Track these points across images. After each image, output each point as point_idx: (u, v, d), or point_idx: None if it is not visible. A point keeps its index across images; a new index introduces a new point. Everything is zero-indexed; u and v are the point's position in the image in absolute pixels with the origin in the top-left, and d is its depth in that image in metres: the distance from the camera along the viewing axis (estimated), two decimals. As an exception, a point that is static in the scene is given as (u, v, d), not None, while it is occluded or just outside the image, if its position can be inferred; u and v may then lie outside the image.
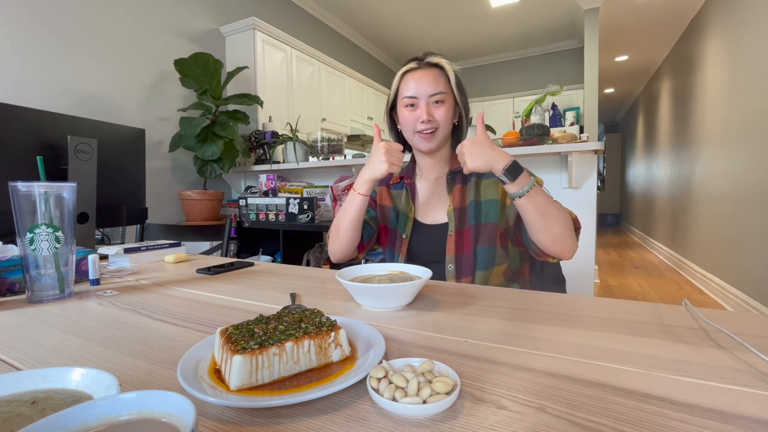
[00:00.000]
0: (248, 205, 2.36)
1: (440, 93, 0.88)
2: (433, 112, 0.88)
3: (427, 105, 0.88)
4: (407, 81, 0.90)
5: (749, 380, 0.36)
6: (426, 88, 0.88)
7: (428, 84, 0.87)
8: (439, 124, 0.89)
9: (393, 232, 1.00)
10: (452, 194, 0.93)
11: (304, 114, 3.28)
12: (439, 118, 0.89)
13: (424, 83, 0.88)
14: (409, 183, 1.00)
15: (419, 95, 0.88)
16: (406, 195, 0.99)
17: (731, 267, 2.83)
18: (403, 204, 0.99)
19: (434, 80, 0.88)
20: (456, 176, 0.95)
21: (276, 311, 0.53)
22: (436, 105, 0.88)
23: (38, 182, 0.66)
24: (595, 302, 0.61)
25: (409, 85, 0.89)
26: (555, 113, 3.20)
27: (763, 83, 2.41)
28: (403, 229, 0.96)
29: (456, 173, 0.95)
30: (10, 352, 0.45)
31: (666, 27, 4.23)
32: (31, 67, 1.89)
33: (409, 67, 0.91)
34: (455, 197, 0.92)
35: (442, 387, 0.31)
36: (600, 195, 8.83)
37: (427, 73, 0.88)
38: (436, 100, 0.88)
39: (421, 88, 0.88)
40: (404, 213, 0.98)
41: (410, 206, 0.97)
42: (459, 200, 0.92)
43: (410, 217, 0.96)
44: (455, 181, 0.94)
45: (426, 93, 0.88)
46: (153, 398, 0.23)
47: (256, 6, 3.25)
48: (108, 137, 1.17)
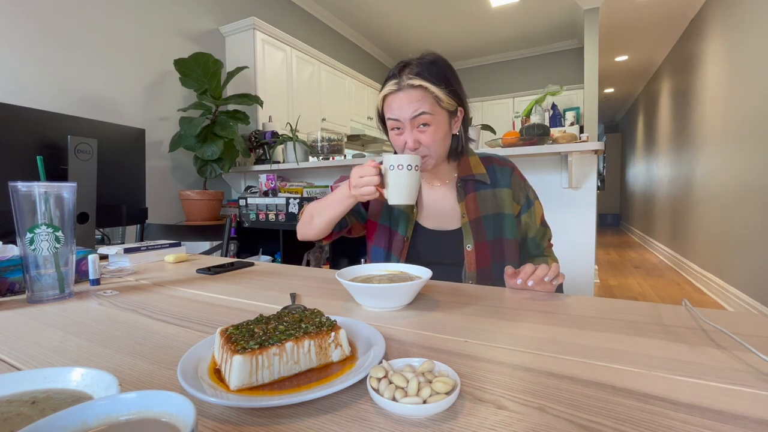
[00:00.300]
0: (248, 205, 2.36)
1: (423, 115, 0.79)
2: (419, 138, 0.81)
3: (412, 128, 0.81)
4: (389, 103, 0.82)
5: (749, 380, 0.36)
6: (408, 112, 0.79)
7: (411, 107, 0.79)
8: (428, 148, 0.82)
9: (385, 230, 0.94)
10: (465, 203, 0.88)
11: (304, 114, 3.28)
12: (426, 142, 0.81)
13: (406, 107, 0.79)
14: None
15: (402, 119, 0.80)
16: None
17: (731, 267, 2.83)
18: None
19: (417, 102, 0.78)
20: (467, 184, 0.90)
21: (276, 311, 0.53)
22: (423, 128, 0.80)
23: (38, 182, 0.66)
24: (594, 302, 0.61)
25: (392, 108, 0.81)
26: (555, 113, 3.20)
27: (763, 83, 2.41)
28: (404, 230, 0.91)
29: (467, 180, 0.90)
30: (10, 352, 0.45)
31: (666, 27, 4.23)
32: (31, 67, 1.89)
33: (388, 90, 0.81)
34: (469, 207, 0.88)
35: (442, 387, 0.31)
36: (600, 195, 8.83)
37: (409, 96, 0.79)
38: (420, 122, 0.80)
39: (403, 112, 0.79)
40: (404, 213, 0.92)
41: (413, 207, 0.92)
42: (474, 211, 0.87)
43: (411, 219, 0.91)
44: (467, 190, 0.89)
45: (408, 117, 0.79)
46: (153, 398, 0.23)
47: (256, 6, 3.25)
48: (108, 137, 1.17)
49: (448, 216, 0.91)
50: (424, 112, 0.79)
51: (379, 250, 0.94)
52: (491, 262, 0.86)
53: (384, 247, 0.93)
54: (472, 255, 0.85)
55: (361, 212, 0.99)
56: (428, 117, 0.80)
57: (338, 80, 3.86)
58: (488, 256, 0.86)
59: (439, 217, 0.91)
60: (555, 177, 1.97)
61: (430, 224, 0.91)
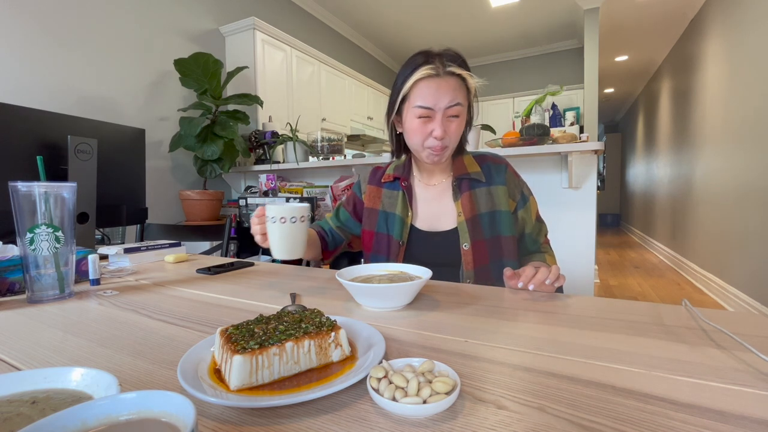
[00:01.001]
0: (248, 205, 2.36)
1: (458, 105, 0.79)
2: (448, 128, 0.81)
3: (443, 119, 0.79)
4: (422, 89, 0.79)
5: (749, 380, 0.36)
6: (444, 101, 0.78)
7: (447, 96, 0.78)
8: (452, 140, 0.82)
9: (382, 237, 0.93)
10: (460, 202, 0.88)
11: (304, 114, 3.28)
12: (452, 134, 0.82)
13: (443, 95, 0.78)
14: (406, 186, 0.93)
15: (436, 107, 0.78)
16: (402, 198, 0.93)
17: (731, 267, 2.83)
18: (399, 207, 0.92)
19: (453, 92, 0.78)
20: (462, 182, 0.90)
21: (276, 311, 0.53)
22: (451, 119, 0.80)
23: (38, 182, 0.66)
24: (595, 302, 0.61)
25: (424, 95, 0.79)
26: (555, 113, 3.20)
27: (763, 83, 2.41)
28: (399, 234, 0.90)
29: (462, 179, 0.90)
30: (10, 352, 0.45)
31: (666, 27, 4.23)
32: (31, 67, 1.88)
33: (425, 74, 0.78)
34: (465, 206, 0.87)
35: (442, 387, 0.31)
36: (600, 195, 8.83)
37: (447, 84, 0.78)
38: (452, 114, 0.80)
39: (439, 101, 0.78)
40: (399, 217, 0.91)
41: (407, 210, 0.91)
42: (469, 209, 0.87)
43: (407, 222, 0.90)
44: (462, 188, 0.89)
45: (443, 106, 0.78)
46: (153, 398, 0.23)
47: (256, 6, 3.25)
48: (108, 137, 1.17)
49: (442, 216, 0.90)
50: (459, 103, 0.79)
51: (378, 257, 0.94)
52: (489, 260, 0.86)
53: (383, 254, 0.93)
54: (469, 254, 0.85)
55: (356, 225, 1.01)
56: (460, 108, 0.80)
57: (338, 80, 3.86)
58: (486, 254, 0.85)
59: (434, 217, 0.91)
60: (555, 177, 1.97)
61: (424, 226, 0.91)
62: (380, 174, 1.00)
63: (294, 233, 0.67)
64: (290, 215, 0.66)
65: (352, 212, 1.02)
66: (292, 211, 0.66)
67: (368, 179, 1.01)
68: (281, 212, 0.66)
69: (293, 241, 0.68)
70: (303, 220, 0.68)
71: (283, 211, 0.66)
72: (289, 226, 0.67)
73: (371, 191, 0.98)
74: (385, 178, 0.97)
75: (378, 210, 0.96)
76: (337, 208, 1.05)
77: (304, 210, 0.68)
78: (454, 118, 0.81)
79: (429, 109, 0.79)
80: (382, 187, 0.97)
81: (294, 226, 0.67)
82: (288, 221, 0.66)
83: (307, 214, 0.68)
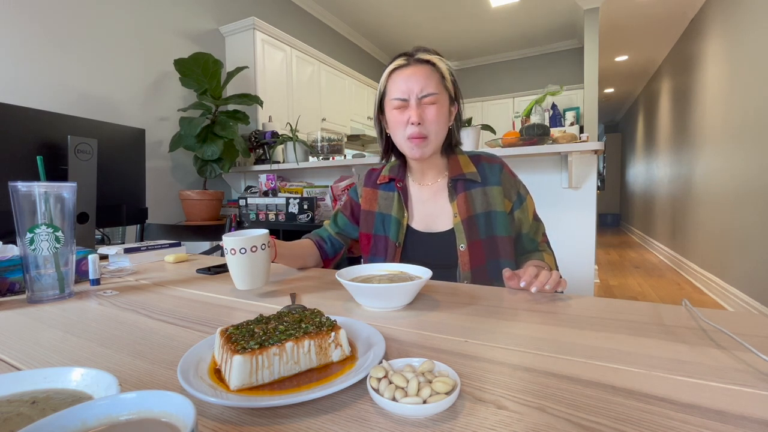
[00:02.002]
0: (248, 205, 2.36)
1: (431, 94, 0.80)
2: (424, 114, 0.81)
3: (418, 106, 0.81)
4: (395, 80, 0.82)
5: (749, 380, 0.36)
6: (416, 87, 0.80)
7: (418, 82, 0.80)
8: (431, 127, 0.82)
9: (380, 239, 0.93)
10: (456, 203, 0.87)
11: (304, 114, 3.28)
12: (431, 119, 0.81)
13: (414, 81, 0.80)
14: (401, 187, 0.93)
15: (409, 95, 0.81)
16: (398, 199, 0.92)
17: (731, 267, 2.83)
18: (395, 209, 0.92)
19: (425, 78, 0.80)
20: (458, 183, 0.89)
21: (276, 311, 0.53)
22: (428, 106, 0.81)
23: (38, 182, 0.66)
24: (595, 302, 0.61)
25: (398, 84, 0.82)
26: (555, 113, 3.20)
27: (763, 83, 2.41)
28: (395, 236, 0.90)
29: (457, 180, 0.89)
30: (10, 352, 0.45)
31: (666, 27, 4.23)
32: (31, 67, 1.88)
33: (397, 64, 0.83)
34: (460, 207, 0.87)
35: (442, 387, 0.31)
36: (600, 195, 8.83)
37: (417, 70, 0.81)
38: (427, 101, 0.81)
39: (411, 87, 0.80)
40: (395, 218, 0.91)
41: (403, 212, 0.91)
42: (465, 210, 0.86)
43: (403, 224, 0.90)
44: (457, 189, 0.88)
45: (416, 93, 0.80)
46: (153, 398, 0.23)
47: (256, 6, 3.25)
48: (108, 137, 1.17)
49: (438, 217, 0.89)
50: (431, 93, 0.80)
51: (376, 260, 0.93)
52: (486, 260, 0.85)
53: (381, 256, 0.93)
54: (466, 255, 0.85)
55: (355, 229, 1.01)
56: (435, 96, 0.80)
57: (338, 80, 3.86)
58: (482, 255, 0.85)
59: (430, 218, 0.90)
60: (555, 177, 1.97)
61: (421, 226, 0.90)
62: (376, 176, 1.00)
63: (250, 263, 0.66)
64: (240, 246, 0.65)
65: (350, 216, 1.01)
66: (242, 243, 0.65)
67: (364, 181, 1.01)
68: (232, 244, 0.65)
69: (250, 271, 0.66)
70: (254, 251, 0.66)
71: (234, 242, 0.65)
72: (244, 257, 0.65)
73: (367, 194, 0.98)
74: (380, 179, 0.97)
75: (375, 212, 0.95)
76: (335, 214, 1.04)
77: (256, 240, 0.66)
78: (431, 105, 0.81)
79: (404, 101, 0.81)
80: (378, 189, 0.97)
81: (248, 256, 0.66)
82: (238, 252, 0.65)
83: (258, 244, 0.66)
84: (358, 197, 1.00)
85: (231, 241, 0.65)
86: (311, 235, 1.01)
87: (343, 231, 1.02)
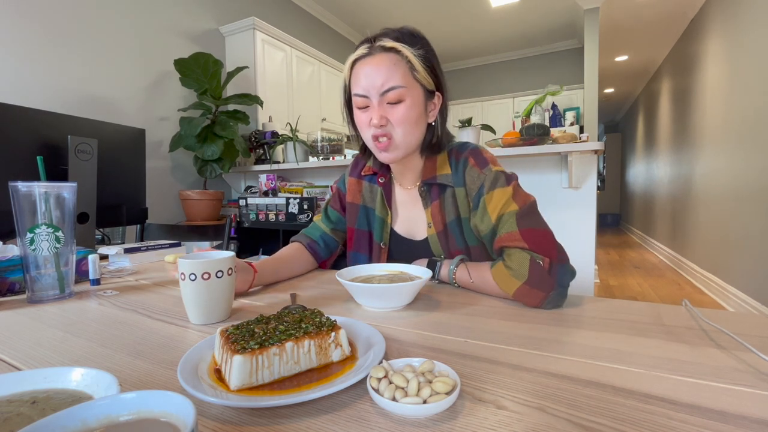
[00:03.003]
0: (248, 205, 2.36)
1: (395, 89, 0.67)
2: (387, 114, 0.69)
3: (380, 105, 0.69)
4: (356, 72, 0.70)
5: (749, 380, 0.36)
6: (375, 82, 0.67)
7: (379, 76, 0.67)
8: (396, 128, 0.70)
9: (362, 234, 0.86)
10: (430, 211, 0.78)
11: (304, 114, 3.28)
12: (397, 120, 0.69)
13: (374, 75, 0.67)
14: (383, 183, 0.84)
15: (369, 93, 0.69)
16: (381, 197, 0.84)
17: (731, 267, 2.83)
18: (378, 206, 0.84)
19: (387, 71, 0.67)
20: (431, 188, 0.78)
21: (276, 311, 0.53)
22: (393, 105, 0.69)
23: (38, 182, 0.66)
24: (595, 302, 0.61)
25: (358, 79, 0.69)
26: (555, 113, 3.20)
27: (763, 83, 2.41)
28: (380, 236, 0.83)
29: (431, 185, 0.78)
30: (10, 352, 0.45)
31: (666, 27, 4.23)
32: (31, 67, 1.88)
33: (358, 54, 0.70)
34: (435, 217, 0.77)
35: (442, 387, 0.31)
36: (600, 195, 8.83)
37: (380, 61, 0.67)
38: (392, 98, 0.68)
39: (371, 83, 0.68)
40: (379, 217, 0.84)
41: (387, 211, 0.83)
42: (439, 220, 0.77)
43: (387, 222, 0.83)
44: (431, 195, 0.78)
45: (376, 89, 0.68)
46: (153, 398, 0.23)
47: (256, 6, 3.25)
48: (108, 137, 1.17)
49: (417, 223, 0.81)
50: (395, 87, 0.67)
51: (359, 256, 0.86)
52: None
53: (364, 253, 0.85)
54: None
55: (344, 223, 0.92)
56: (400, 91, 0.67)
57: (338, 80, 3.84)
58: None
59: (410, 222, 0.82)
60: (555, 177, 1.97)
61: (402, 230, 0.83)
62: (362, 165, 0.89)
63: (203, 293, 0.53)
64: (190, 271, 0.52)
65: (341, 210, 0.92)
66: (194, 267, 0.52)
67: (350, 170, 0.92)
68: (182, 267, 0.53)
69: (198, 302, 0.53)
70: (206, 278, 0.52)
71: (185, 266, 0.53)
72: (195, 284, 0.52)
73: (352, 184, 0.89)
74: (365, 170, 0.87)
75: (359, 204, 0.87)
76: (325, 209, 0.94)
77: (213, 265, 0.53)
78: (396, 104, 0.69)
79: (364, 97, 0.69)
80: (363, 180, 0.88)
81: (200, 284, 0.53)
82: (187, 278, 0.52)
83: (214, 270, 0.53)
84: (345, 188, 0.92)
85: (182, 264, 0.53)
86: (300, 237, 0.91)
87: (337, 227, 0.92)
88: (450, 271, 0.71)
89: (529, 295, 0.59)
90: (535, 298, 0.58)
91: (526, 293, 0.59)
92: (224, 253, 0.58)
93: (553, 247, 0.62)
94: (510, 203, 0.67)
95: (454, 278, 0.70)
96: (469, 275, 0.68)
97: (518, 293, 0.60)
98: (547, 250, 0.61)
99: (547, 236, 0.64)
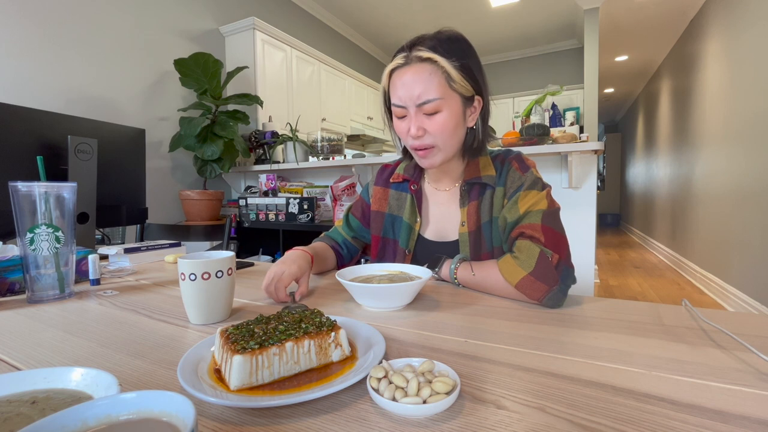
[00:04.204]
0: (248, 205, 2.36)
1: (431, 101, 0.68)
2: (425, 125, 0.70)
3: (417, 115, 0.70)
4: (394, 82, 0.71)
5: (749, 380, 0.36)
6: (412, 94, 0.68)
7: (416, 88, 0.68)
8: (437, 137, 0.71)
9: (388, 242, 0.87)
10: (466, 210, 0.78)
11: (304, 114, 3.28)
12: (434, 131, 0.70)
13: (411, 87, 0.68)
14: (415, 190, 0.85)
15: (406, 103, 0.70)
16: (411, 202, 0.85)
17: (731, 267, 2.83)
18: (407, 213, 0.85)
19: (424, 83, 0.67)
20: (472, 188, 0.79)
21: (276, 311, 0.53)
22: (430, 116, 0.70)
23: (38, 182, 0.66)
24: (595, 302, 0.61)
25: (396, 89, 0.70)
26: (555, 113, 3.20)
27: (763, 83, 2.41)
28: (405, 242, 0.83)
29: (473, 184, 0.79)
30: (10, 352, 0.45)
31: (666, 27, 4.23)
32: (31, 67, 1.88)
33: (395, 64, 0.70)
34: (470, 215, 0.78)
35: (442, 387, 0.31)
36: (600, 195, 8.83)
37: (417, 72, 0.68)
38: (428, 109, 0.69)
39: (408, 94, 0.68)
40: (407, 223, 0.84)
41: (416, 217, 0.83)
42: (474, 220, 0.77)
43: (415, 229, 0.83)
44: (471, 195, 0.79)
45: (413, 100, 0.69)
46: (153, 398, 0.23)
47: (256, 6, 3.25)
48: (108, 137, 1.17)
49: (449, 224, 0.82)
50: (431, 100, 0.68)
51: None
52: None
53: (390, 260, 0.87)
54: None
55: (368, 232, 0.93)
56: (437, 104, 0.68)
57: (338, 80, 3.86)
58: None
59: (441, 224, 0.83)
60: (555, 177, 1.97)
61: (432, 234, 0.83)
62: (388, 173, 0.91)
63: (203, 293, 0.54)
64: (189, 272, 0.53)
65: (362, 218, 0.93)
66: (193, 267, 0.53)
67: (375, 179, 0.93)
68: (182, 268, 0.54)
69: (198, 302, 0.54)
70: (206, 278, 0.53)
71: (185, 266, 0.54)
72: (195, 284, 0.54)
73: (377, 193, 0.90)
74: (394, 178, 0.89)
75: (384, 213, 0.88)
76: (346, 216, 0.96)
77: (213, 265, 0.54)
78: (434, 114, 0.70)
79: (402, 108, 0.71)
80: (390, 188, 0.89)
81: (200, 284, 0.54)
82: (187, 278, 0.53)
83: (214, 270, 0.54)
84: (369, 197, 0.93)
85: (182, 264, 0.54)
86: (325, 239, 0.93)
87: (358, 235, 0.94)
88: (451, 269, 0.71)
89: (532, 287, 0.60)
90: (537, 290, 0.60)
91: (529, 285, 0.60)
92: (224, 253, 0.59)
93: (565, 250, 0.66)
94: (540, 203, 0.71)
95: (455, 275, 0.71)
96: (471, 270, 0.69)
97: (522, 284, 0.61)
98: (558, 250, 0.65)
99: (563, 240, 0.68)
